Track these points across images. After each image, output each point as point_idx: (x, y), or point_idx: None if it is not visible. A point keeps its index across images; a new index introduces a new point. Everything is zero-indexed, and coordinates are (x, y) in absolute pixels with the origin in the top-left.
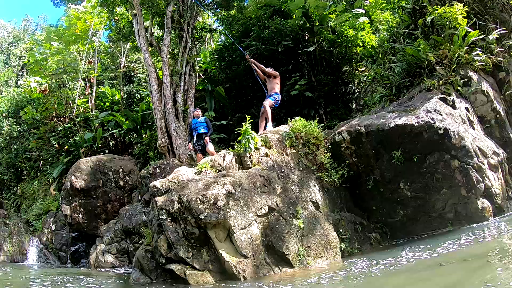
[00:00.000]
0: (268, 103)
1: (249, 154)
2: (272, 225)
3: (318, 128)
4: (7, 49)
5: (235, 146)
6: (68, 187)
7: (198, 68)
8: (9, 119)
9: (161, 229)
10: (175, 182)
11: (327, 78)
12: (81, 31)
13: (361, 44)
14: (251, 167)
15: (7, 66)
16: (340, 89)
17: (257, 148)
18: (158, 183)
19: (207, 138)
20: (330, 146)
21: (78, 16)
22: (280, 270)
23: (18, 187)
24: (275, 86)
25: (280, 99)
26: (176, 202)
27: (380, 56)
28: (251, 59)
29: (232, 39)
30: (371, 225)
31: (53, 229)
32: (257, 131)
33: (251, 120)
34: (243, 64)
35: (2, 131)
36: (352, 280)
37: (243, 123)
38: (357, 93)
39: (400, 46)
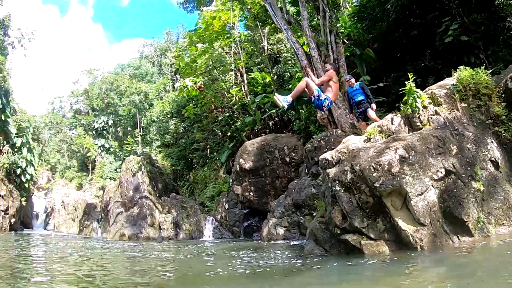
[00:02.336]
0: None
1: (417, 114)
2: (450, 189)
3: (486, 75)
4: (158, 62)
5: (401, 108)
6: (238, 169)
7: (340, 34)
8: (174, 118)
9: (335, 200)
10: (345, 152)
11: (480, 16)
12: (218, 28)
13: None
14: (421, 128)
15: (161, 75)
16: (498, 26)
17: (424, 107)
18: (328, 155)
19: (373, 105)
20: (503, 95)
21: (213, 16)
22: (459, 239)
23: (190, 175)
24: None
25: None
26: (348, 172)
27: None
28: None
29: None
30: None
31: (226, 208)
32: None
33: (414, 78)
34: (386, 20)
35: (169, 130)
36: None
37: (406, 82)
38: None
39: None
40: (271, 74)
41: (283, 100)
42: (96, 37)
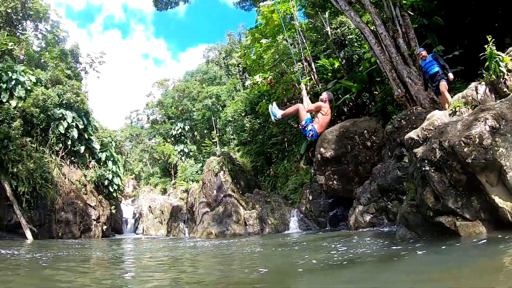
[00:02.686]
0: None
1: (502, 79)
2: None
3: None
4: (224, 64)
5: (484, 75)
6: (319, 158)
7: (404, 6)
8: (248, 116)
9: (425, 181)
10: (431, 129)
11: None
12: (279, 21)
13: None
14: (508, 94)
15: (229, 76)
16: None
17: (509, 70)
18: (413, 133)
19: (450, 75)
20: None
21: (271, 10)
22: None
23: (270, 169)
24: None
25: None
26: (437, 149)
27: None
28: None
29: None
30: None
31: (310, 199)
32: None
33: (493, 40)
34: None
35: (245, 128)
36: None
37: (486, 46)
38: None
39: None
40: (339, 59)
41: (273, 113)
42: (161, 51)
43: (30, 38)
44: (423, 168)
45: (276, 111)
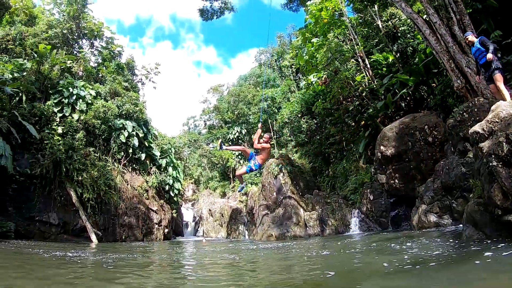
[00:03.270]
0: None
1: None
2: None
3: None
4: (277, 66)
5: None
6: (379, 157)
7: None
8: (304, 117)
9: (492, 177)
10: (497, 122)
11: None
12: (328, 18)
13: None
14: None
15: (283, 78)
16: None
17: None
18: (478, 127)
19: (489, 55)
20: None
21: (319, 8)
22: None
23: (329, 170)
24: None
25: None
26: (504, 143)
27: None
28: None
29: None
30: None
31: (371, 199)
32: None
33: None
34: None
35: (302, 129)
36: None
37: None
38: None
39: None
40: (393, 52)
41: (220, 148)
42: (211, 57)
43: (87, 55)
44: (490, 164)
45: (222, 146)
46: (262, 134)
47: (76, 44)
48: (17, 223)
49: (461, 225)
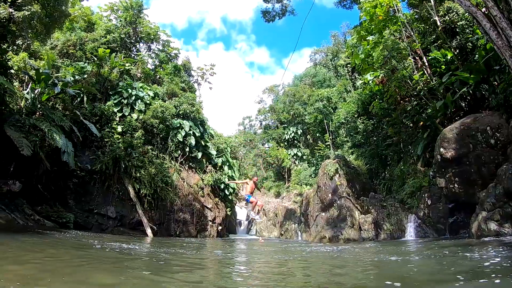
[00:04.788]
0: None
1: None
2: None
3: None
4: (332, 65)
5: None
6: (439, 159)
7: None
8: (361, 117)
9: None
10: None
11: None
12: (383, 15)
13: None
14: None
15: (339, 78)
16: None
17: None
18: None
19: None
20: None
21: (373, 5)
22: None
23: (386, 172)
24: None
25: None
26: None
27: None
28: None
29: None
30: None
31: (429, 204)
32: None
33: None
34: None
35: (358, 129)
36: None
37: None
38: None
39: None
40: (451, 49)
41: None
42: (264, 58)
43: (145, 58)
44: None
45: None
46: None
47: (133, 48)
48: (76, 215)
49: None
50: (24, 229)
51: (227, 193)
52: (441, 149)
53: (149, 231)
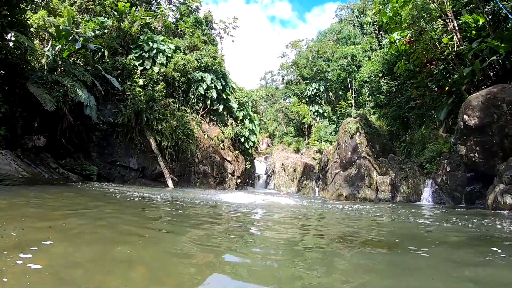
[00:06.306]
0: None
1: None
2: None
3: None
4: (358, 22)
5: None
6: (462, 127)
7: None
8: (385, 77)
9: None
10: None
11: None
12: None
13: None
14: None
15: (364, 35)
16: None
17: None
18: None
19: None
20: None
21: None
22: None
23: (407, 135)
24: None
25: None
26: None
27: None
28: None
29: None
30: None
31: (447, 170)
32: None
33: None
34: None
35: (382, 90)
36: None
37: None
38: None
39: None
40: (484, 15)
41: None
42: (286, 12)
43: (165, 11)
44: None
45: None
46: None
47: (154, 1)
48: (99, 167)
49: None
50: (49, 181)
51: (247, 146)
52: (465, 116)
53: (170, 182)
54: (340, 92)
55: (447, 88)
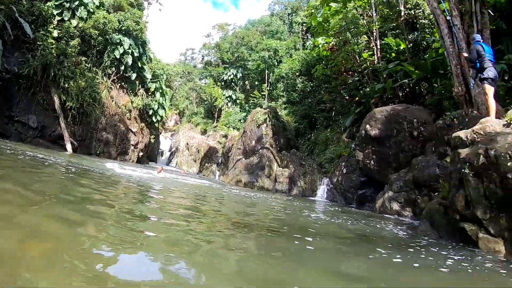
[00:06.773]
0: None
1: None
2: None
3: None
4: (289, 20)
5: None
6: (363, 135)
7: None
8: (302, 77)
9: (461, 184)
10: (481, 134)
11: None
12: None
13: None
14: None
15: (291, 33)
16: None
17: None
18: (462, 133)
19: (464, 54)
20: None
21: None
22: None
23: (312, 134)
24: None
25: None
26: (481, 156)
27: None
28: None
29: None
30: None
31: (344, 172)
32: None
33: None
34: None
35: (296, 88)
36: None
37: None
38: None
39: None
40: (406, 41)
41: None
42: None
43: None
44: (463, 170)
45: None
46: None
47: None
48: None
49: (419, 221)
50: None
51: (155, 120)
52: (367, 126)
53: (69, 146)
54: (256, 83)
55: (357, 98)
